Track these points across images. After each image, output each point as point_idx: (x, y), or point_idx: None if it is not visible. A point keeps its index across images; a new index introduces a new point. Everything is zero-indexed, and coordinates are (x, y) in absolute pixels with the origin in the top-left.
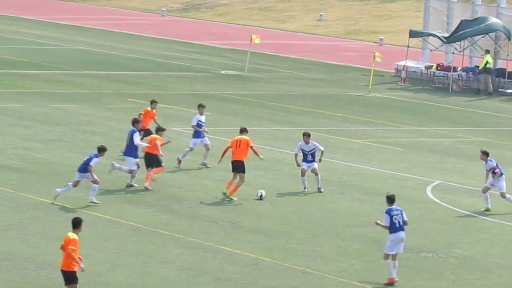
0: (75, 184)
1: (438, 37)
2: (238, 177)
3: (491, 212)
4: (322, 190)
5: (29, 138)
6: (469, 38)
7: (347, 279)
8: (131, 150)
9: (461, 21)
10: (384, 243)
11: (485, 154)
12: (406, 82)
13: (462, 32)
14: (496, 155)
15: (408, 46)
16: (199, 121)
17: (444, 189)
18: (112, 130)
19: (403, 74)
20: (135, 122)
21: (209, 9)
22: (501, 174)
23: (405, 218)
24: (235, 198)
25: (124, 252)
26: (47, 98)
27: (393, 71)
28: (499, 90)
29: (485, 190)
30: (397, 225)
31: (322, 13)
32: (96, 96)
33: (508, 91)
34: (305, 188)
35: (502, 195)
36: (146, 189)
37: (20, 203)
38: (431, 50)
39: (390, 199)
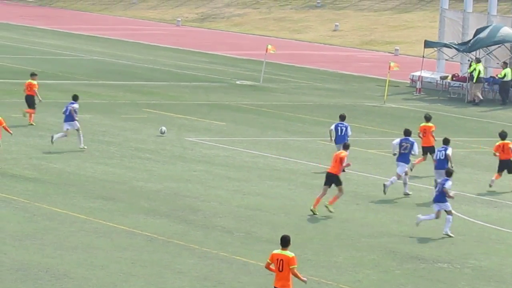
0: (437, 216)
1: (454, 47)
2: (327, 191)
3: (507, 223)
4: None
5: (44, 148)
6: (485, 48)
7: None
8: (405, 157)
9: (477, 30)
10: (399, 254)
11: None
12: (421, 93)
13: (476, 42)
14: None
15: (423, 57)
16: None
17: (459, 200)
18: (127, 140)
19: (418, 85)
20: (409, 132)
21: (224, 19)
22: None
23: None
24: (332, 210)
25: (139, 262)
26: (62, 108)
27: (408, 82)
28: None
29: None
30: None
31: (337, 24)
32: (111, 106)
33: None
34: None
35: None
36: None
37: (35, 213)
38: (446, 60)
39: None
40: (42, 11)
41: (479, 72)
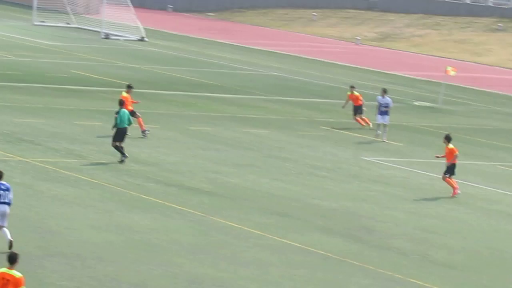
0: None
1: None
2: None
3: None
4: None
5: (220, 162)
6: None
7: None
8: None
9: None
10: None
11: None
12: None
13: None
14: None
15: None
16: None
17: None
18: (303, 157)
19: None
20: None
21: (404, 39)
22: None
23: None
24: None
25: (312, 280)
26: (239, 123)
27: None
28: None
29: None
30: None
31: None
32: (288, 123)
33: None
34: None
35: None
36: None
37: (209, 226)
38: None
39: None
40: (222, 24)
41: None
